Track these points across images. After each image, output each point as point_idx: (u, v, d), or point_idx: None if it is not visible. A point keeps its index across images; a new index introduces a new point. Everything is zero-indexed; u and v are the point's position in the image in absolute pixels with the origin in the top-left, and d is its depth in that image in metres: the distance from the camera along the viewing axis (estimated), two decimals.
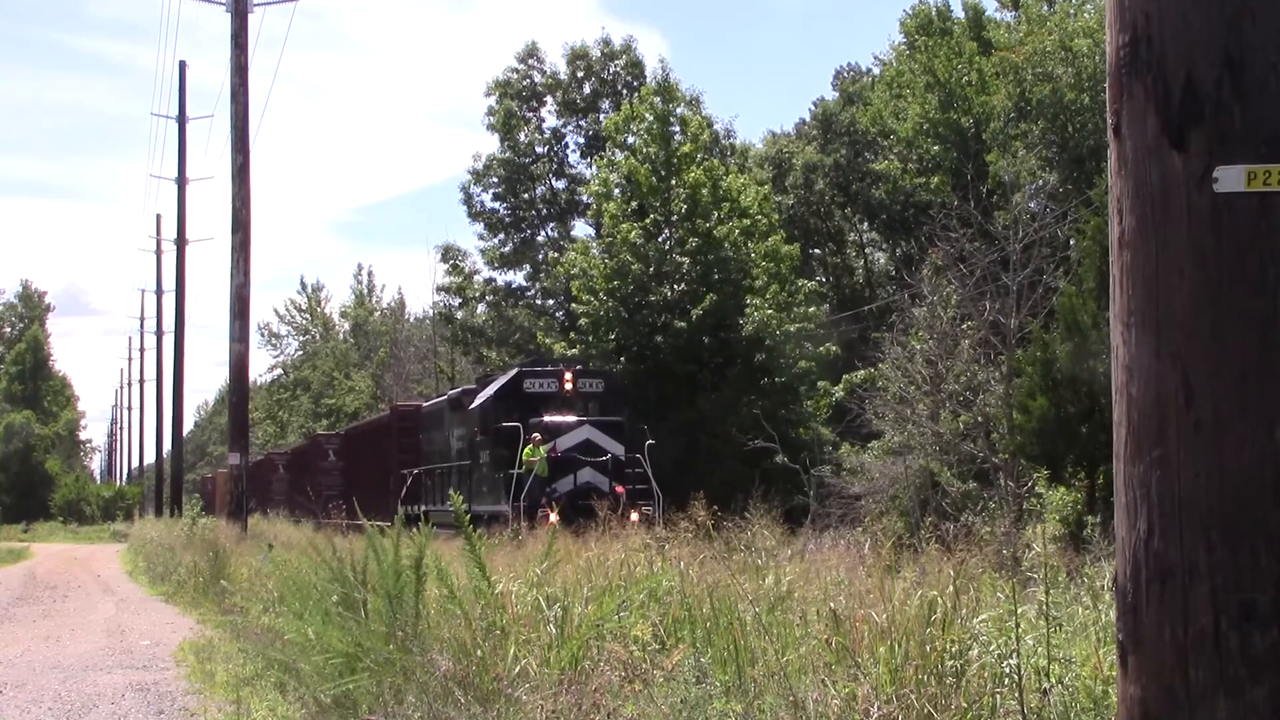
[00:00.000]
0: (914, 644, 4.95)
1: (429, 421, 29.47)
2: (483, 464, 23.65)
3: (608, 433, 21.99)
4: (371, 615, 7.24)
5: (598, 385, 23.95)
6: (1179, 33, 2.64)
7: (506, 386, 23.39)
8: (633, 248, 33.23)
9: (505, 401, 23.01)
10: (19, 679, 10.03)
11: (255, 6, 23.11)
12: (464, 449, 25.40)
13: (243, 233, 22.36)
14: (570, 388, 23.05)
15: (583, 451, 21.45)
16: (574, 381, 23.20)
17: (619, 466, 21.50)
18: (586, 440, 21.65)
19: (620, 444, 21.94)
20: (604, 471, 21.23)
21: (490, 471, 23.01)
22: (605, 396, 23.76)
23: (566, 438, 21.59)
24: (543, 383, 23.21)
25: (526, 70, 45.73)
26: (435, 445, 28.35)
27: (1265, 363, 2.57)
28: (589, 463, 21.22)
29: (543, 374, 23.67)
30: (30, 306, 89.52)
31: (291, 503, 40.32)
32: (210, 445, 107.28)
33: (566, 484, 20.92)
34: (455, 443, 26.29)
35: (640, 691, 5.32)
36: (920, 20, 40.94)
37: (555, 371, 23.84)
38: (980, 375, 24.51)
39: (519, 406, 22.59)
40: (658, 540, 9.02)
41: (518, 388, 23.19)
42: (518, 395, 22.98)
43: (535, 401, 22.68)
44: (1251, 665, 2.53)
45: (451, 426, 26.74)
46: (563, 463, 21.18)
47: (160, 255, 51.02)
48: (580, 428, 21.82)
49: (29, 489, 72.87)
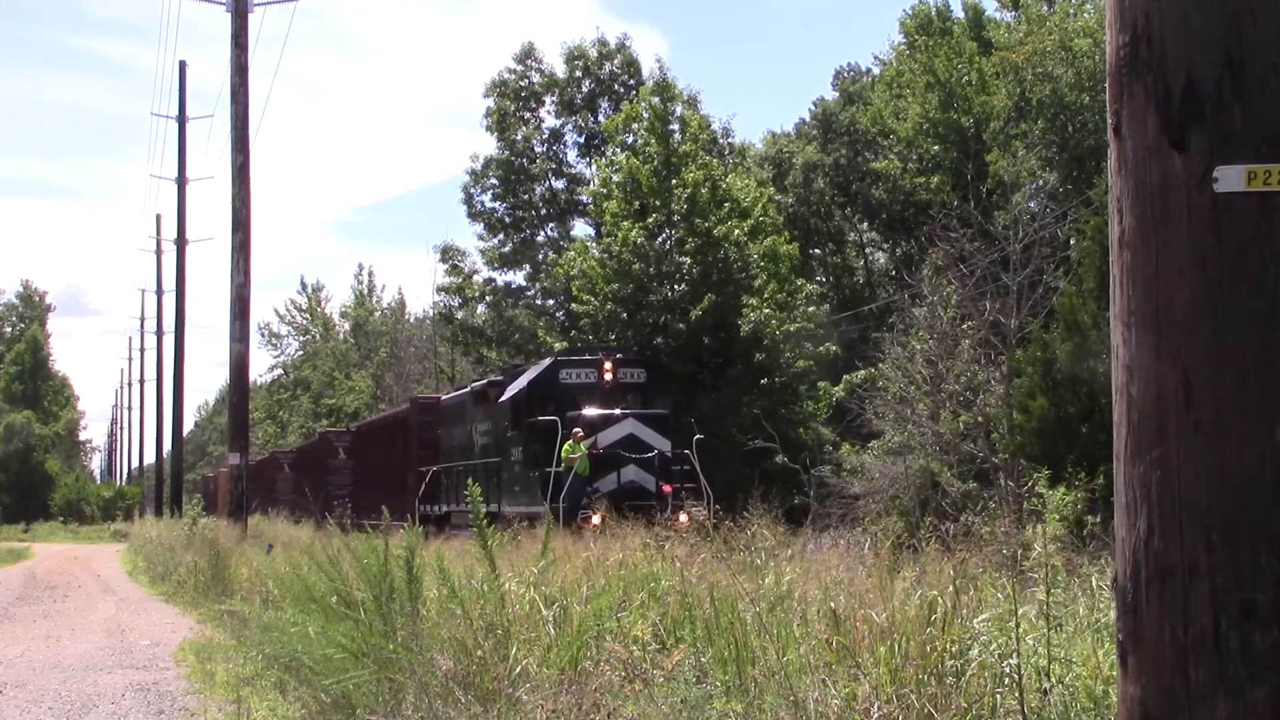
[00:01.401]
0: (914, 644, 4.95)
1: (450, 416, 27.78)
2: (514, 461, 21.92)
3: (652, 426, 20.27)
4: (369, 614, 7.24)
5: (640, 375, 22.13)
6: (1179, 33, 2.64)
7: (541, 377, 21.67)
8: (633, 247, 33.22)
9: (539, 393, 21.29)
10: (19, 679, 10.03)
11: (255, 6, 23.13)
12: (490, 445, 23.78)
13: (243, 233, 22.36)
14: (610, 378, 21.34)
15: (626, 447, 19.70)
16: (614, 371, 21.47)
17: (665, 464, 19.81)
18: (630, 435, 19.92)
19: (666, 439, 20.23)
20: (649, 469, 19.60)
21: (523, 470, 21.37)
22: (648, 387, 22.04)
23: (608, 432, 19.87)
24: (580, 373, 21.49)
25: (524, 70, 45.75)
26: (456, 441, 26.70)
27: (1265, 363, 2.57)
28: (633, 460, 19.52)
29: (580, 363, 21.94)
30: (30, 306, 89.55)
31: (297, 503, 39.05)
32: (210, 445, 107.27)
33: (609, 483, 19.23)
34: (480, 438, 24.68)
35: (640, 691, 5.32)
36: (920, 20, 40.94)
37: (594, 360, 21.97)
38: (980, 375, 24.50)
39: (554, 399, 20.85)
40: (656, 540, 9.00)
41: (553, 378, 21.46)
42: (553, 386, 21.27)
43: (572, 393, 20.98)
44: (1251, 665, 2.53)
45: (475, 421, 25.15)
46: (604, 460, 19.49)
47: (160, 255, 51.13)
48: (623, 421, 20.06)
49: (29, 489, 72.87)
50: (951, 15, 41.14)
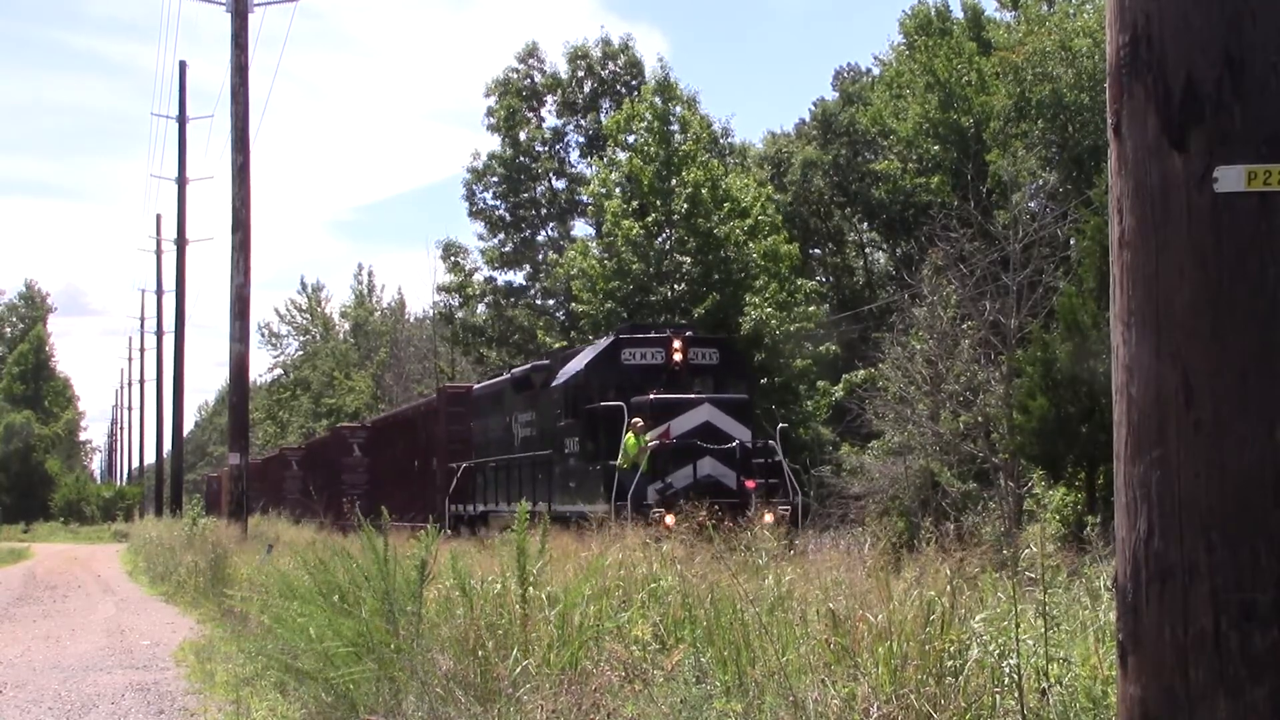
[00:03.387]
0: (913, 644, 4.95)
1: (484, 406, 25.33)
2: (569, 454, 19.50)
3: (732, 413, 17.78)
4: (371, 613, 7.24)
5: (713, 355, 19.59)
6: (1179, 33, 2.64)
7: (601, 358, 19.30)
8: (634, 246, 33.22)
9: (599, 376, 18.99)
10: (19, 679, 10.03)
11: (255, 6, 23.12)
12: (534, 437, 21.47)
13: (243, 233, 22.36)
14: (680, 359, 18.93)
15: (702, 436, 17.21)
16: (685, 351, 19.03)
17: (747, 456, 17.51)
18: (706, 423, 17.43)
19: (747, 428, 17.93)
20: (729, 462, 17.11)
21: (580, 463, 18.97)
22: (721, 370, 19.58)
23: (681, 420, 17.37)
24: (646, 353, 19.09)
25: (526, 70, 45.78)
26: (492, 434, 24.26)
27: (1265, 363, 2.57)
28: (711, 451, 17.05)
29: (645, 342, 19.43)
30: (32, 306, 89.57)
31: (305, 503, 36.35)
32: (210, 445, 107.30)
33: (683, 477, 16.84)
34: (521, 430, 22.37)
35: (640, 691, 5.32)
36: (920, 20, 40.96)
37: (661, 339, 19.44)
38: (980, 375, 24.52)
39: (616, 382, 18.59)
40: (655, 539, 8.97)
41: (614, 359, 19.09)
42: (614, 369, 18.96)
43: (636, 376, 18.65)
44: (1251, 665, 2.53)
45: (515, 411, 22.86)
46: (678, 451, 17.07)
47: (160, 255, 51.13)
48: (699, 407, 17.57)
49: (29, 489, 72.91)
50: (951, 15, 41.17)
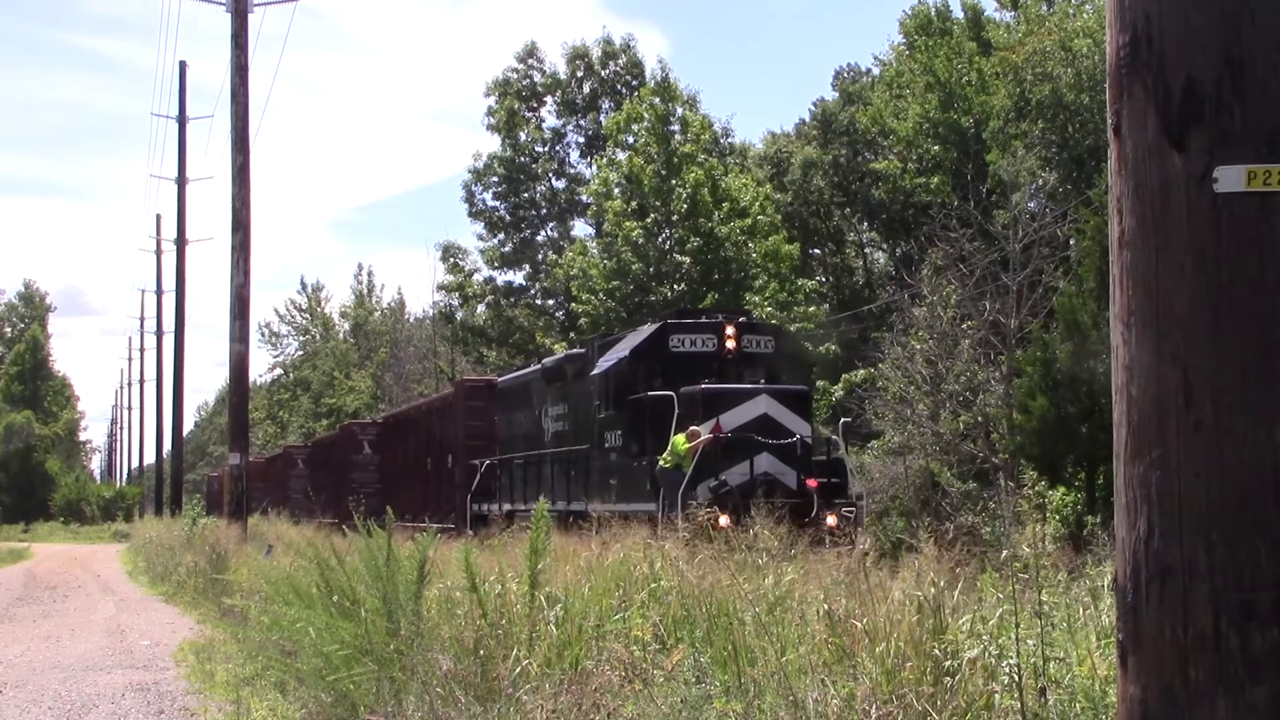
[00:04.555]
0: (911, 644, 4.95)
1: (509, 400, 24.03)
2: (609, 449, 18.09)
3: (791, 406, 16.41)
4: (372, 613, 7.24)
5: (768, 344, 18.17)
6: (1179, 33, 2.64)
7: (646, 345, 17.88)
8: (634, 247, 33.24)
9: (645, 365, 17.62)
10: (19, 679, 10.04)
11: (255, 6, 23.11)
12: (567, 432, 20.21)
13: (243, 233, 22.37)
14: (733, 346, 17.60)
15: (759, 430, 15.89)
16: (738, 338, 17.69)
17: (807, 453, 16.32)
18: (764, 416, 16.07)
19: (807, 422, 16.72)
20: (789, 459, 15.82)
21: (623, 459, 17.62)
22: (776, 359, 18.10)
23: (735, 412, 16.07)
24: (696, 339, 17.71)
25: (526, 70, 45.80)
26: (519, 429, 22.98)
27: (1265, 363, 2.57)
28: (768, 446, 15.75)
29: (695, 328, 18.02)
30: (32, 306, 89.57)
31: (313, 502, 36.28)
32: (210, 445, 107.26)
33: (738, 475, 15.54)
34: (552, 424, 21.07)
35: (640, 691, 5.32)
36: (919, 20, 40.97)
37: (712, 324, 18.10)
38: (980, 375, 24.53)
39: (663, 371, 17.34)
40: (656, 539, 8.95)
41: (661, 346, 17.70)
42: (661, 356, 17.60)
43: (685, 364, 17.33)
44: (1251, 665, 2.53)
45: (545, 404, 21.54)
46: (731, 446, 15.75)
47: (160, 255, 51.12)
48: (755, 399, 16.21)
49: (29, 489, 72.89)
50: (951, 15, 41.17)
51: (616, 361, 18.07)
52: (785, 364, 18.18)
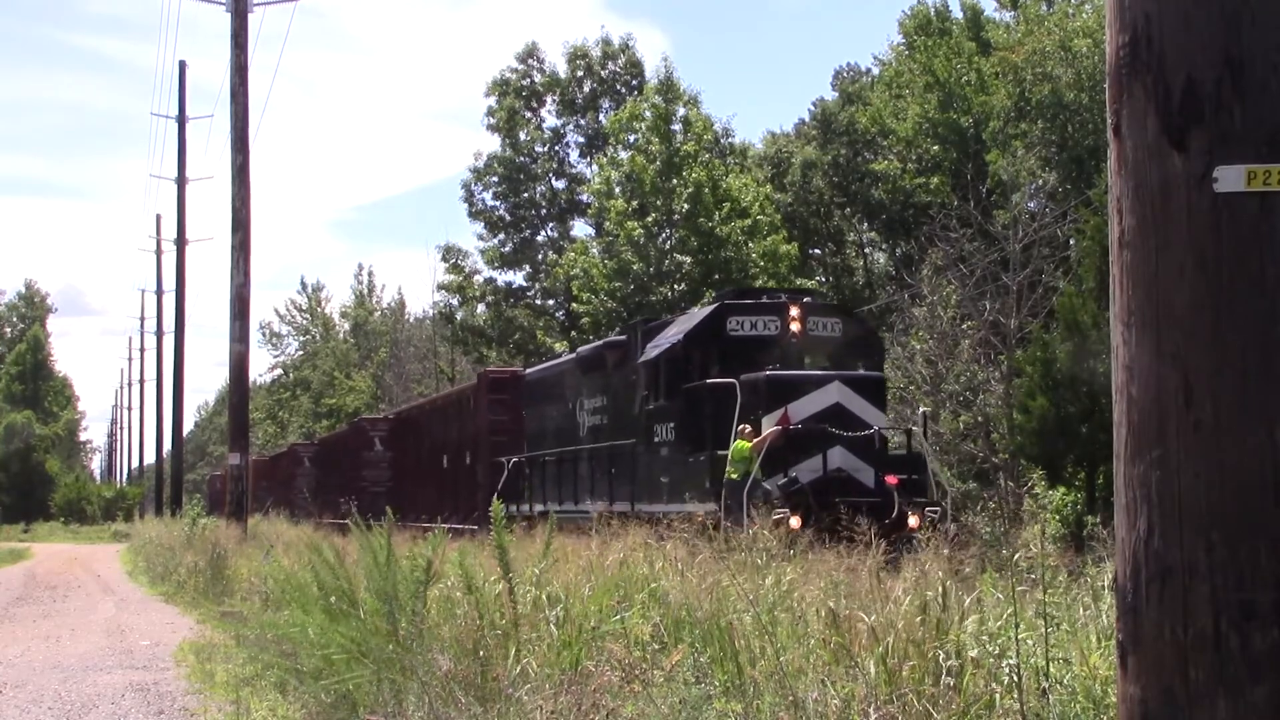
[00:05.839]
0: (912, 644, 4.95)
1: (540, 393, 22.60)
2: (659, 443, 16.56)
3: (866, 394, 14.97)
4: (371, 614, 7.24)
5: (835, 326, 16.50)
6: (1179, 33, 2.64)
7: (702, 329, 16.31)
8: (634, 246, 33.24)
9: (700, 350, 16.09)
10: (19, 679, 10.03)
11: (255, 6, 23.14)
12: (605, 426, 18.76)
13: (243, 233, 22.37)
14: (798, 329, 15.99)
15: (832, 421, 14.37)
16: (803, 320, 16.06)
17: (885, 447, 15.15)
18: (836, 405, 14.57)
19: (884, 413, 15.52)
20: (865, 454, 14.41)
21: (676, 454, 16.09)
22: (845, 344, 16.47)
23: (804, 401, 14.57)
24: (757, 321, 16.10)
25: (526, 70, 45.81)
26: (550, 424, 21.58)
27: (1265, 363, 2.57)
28: (842, 439, 14.29)
29: (756, 309, 16.39)
30: (32, 306, 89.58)
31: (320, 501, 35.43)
32: (210, 445, 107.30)
33: (809, 471, 14.12)
34: (589, 418, 19.56)
35: (640, 691, 5.32)
36: (919, 20, 40.98)
37: (774, 305, 16.42)
38: (980, 375, 24.54)
39: (720, 356, 15.83)
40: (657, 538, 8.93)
41: (718, 329, 16.14)
42: (718, 340, 16.07)
43: (745, 349, 15.78)
44: (1251, 665, 2.53)
45: (580, 396, 20.00)
46: (800, 439, 14.31)
47: (160, 255, 51.15)
48: (826, 386, 14.70)
49: (29, 489, 72.88)
50: (950, 15, 41.18)
51: (669, 347, 16.56)
52: (855, 348, 16.62)
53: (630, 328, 19.59)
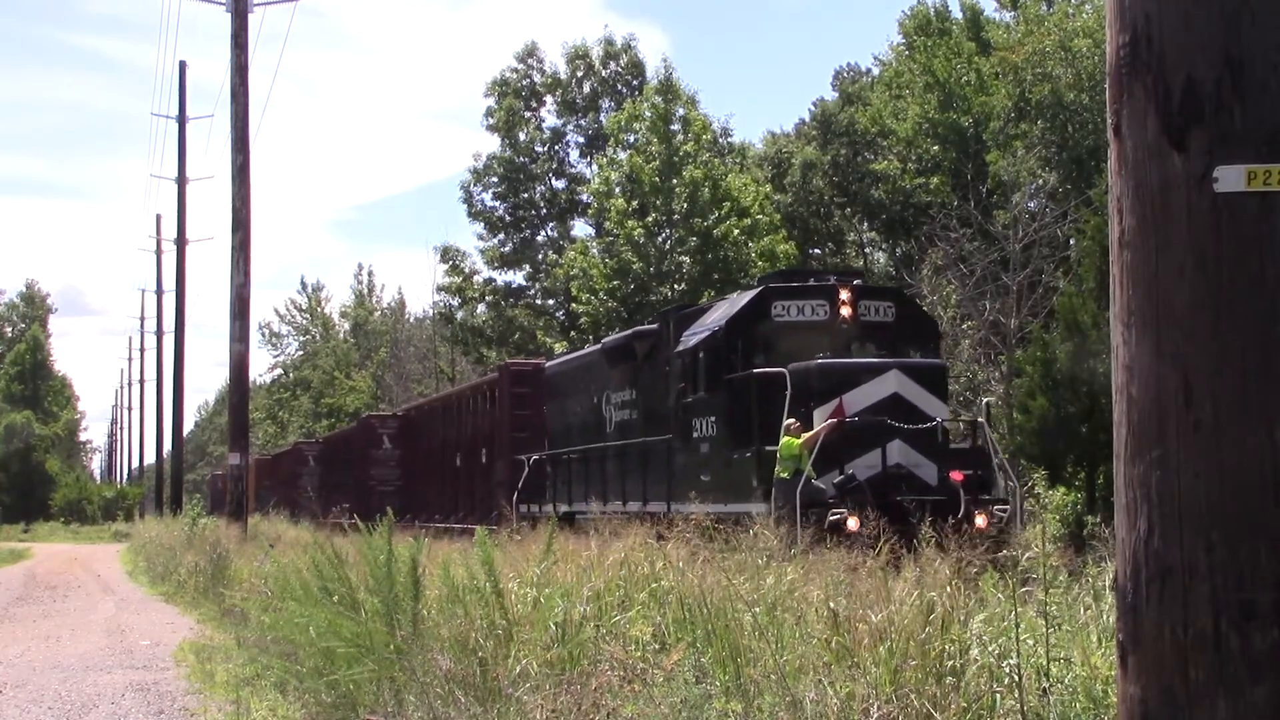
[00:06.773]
0: (913, 644, 4.95)
1: (563, 387, 21.50)
2: (699, 439, 15.38)
3: (926, 384, 13.90)
4: (371, 614, 7.24)
5: (888, 311, 15.39)
6: (1179, 33, 2.64)
7: (745, 314, 15.15)
8: (634, 246, 33.24)
9: (744, 337, 14.99)
10: (19, 679, 10.03)
11: (255, 6, 23.13)
12: (634, 422, 17.69)
13: (243, 233, 22.37)
14: (849, 313, 14.89)
15: (890, 413, 13.39)
16: (854, 304, 14.96)
17: (948, 440, 14.23)
18: (894, 395, 13.56)
19: (945, 404, 14.39)
20: (927, 449, 13.46)
21: (719, 450, 14.90)
22: (898, 330, 15.31)
23: (860, 392, 13.55)
24: (805, 306, 14.97)
25: (526, 70, 45.82)
26: (574, 419, 20.49)
27: (1265, 363, 2.57)
28: (901, 432, 13.30)
29: (804, 292, 15.23)
30: (32, 306, 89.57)
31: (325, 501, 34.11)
32: (210, 445, 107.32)
33: (867, 467, 13.19)
34: (617, 412, 18.50)
35: (640, 691, 5.32)
36: (919, 21, 40.97)
37: (824, 288, 15.25)
38: (980, 375, 24.53)
39: (764, 344, 14.85)
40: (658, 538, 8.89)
41: (762, 314, 15.06)
42: (763, 326, 15.02)
43: (791, 335, 14.80)
44: (1251, 665, 2.53)
45: (607, 390, 18.89)
46: (855, 432, 13.36)
47: (160, 255, 51.16)
48: (884, 376, 13.66)
49: (29, 489, 72.84)
50: (950, 16, 41.17)
51: (709, 335, 15.38)
52: (910, 334, 15.43)
53: (661, 316, 18.38)
